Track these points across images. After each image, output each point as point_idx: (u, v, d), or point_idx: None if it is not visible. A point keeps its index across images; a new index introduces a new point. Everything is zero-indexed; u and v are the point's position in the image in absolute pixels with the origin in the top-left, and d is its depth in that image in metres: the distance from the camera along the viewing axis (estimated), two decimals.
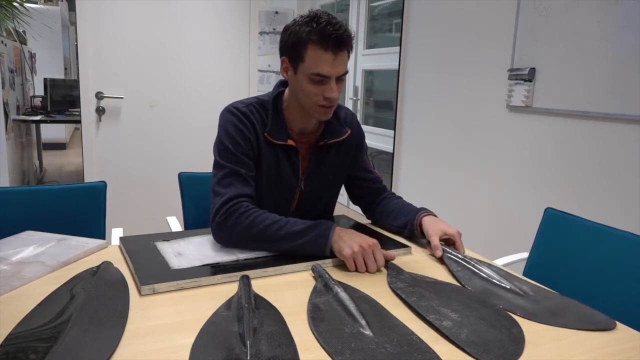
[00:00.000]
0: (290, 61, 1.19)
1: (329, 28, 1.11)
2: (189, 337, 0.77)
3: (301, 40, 1.14)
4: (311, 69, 1.14)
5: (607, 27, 1.80)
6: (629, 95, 1.74)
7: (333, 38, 1.11)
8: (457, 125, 2.62)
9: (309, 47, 1.13)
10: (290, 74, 1.21)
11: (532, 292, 1.01)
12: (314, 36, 1.12)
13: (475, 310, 0.91)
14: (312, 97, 1.18)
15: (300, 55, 1.15)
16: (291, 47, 1.16)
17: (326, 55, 1.13)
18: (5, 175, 3.08)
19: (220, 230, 1.15)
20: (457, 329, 0.84)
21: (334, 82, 1.16)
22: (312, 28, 1.12)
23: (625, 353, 0.80)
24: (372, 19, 3.87)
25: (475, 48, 2.45)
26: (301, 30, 1.13)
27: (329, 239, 1.10)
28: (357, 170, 1.43)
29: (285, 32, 1.18)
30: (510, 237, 2.30)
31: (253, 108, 1.26)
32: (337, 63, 1.14)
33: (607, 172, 1.85)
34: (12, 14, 2.73)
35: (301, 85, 1.18)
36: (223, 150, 1.22)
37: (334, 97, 1.17)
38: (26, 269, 1.00)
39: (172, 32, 3.15)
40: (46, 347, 0.71)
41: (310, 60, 1.14)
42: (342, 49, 1.14)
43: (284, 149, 1.27)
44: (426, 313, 0.88)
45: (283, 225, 1.12)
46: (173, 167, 3.16)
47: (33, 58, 5.51)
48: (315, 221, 1.14)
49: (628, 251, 1.20)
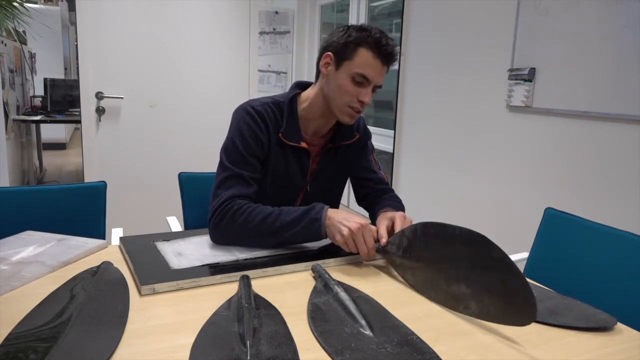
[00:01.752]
0: (336, 57, 1.21)
1: (384, 40, 1.18)
2: (189, 337, 0.77)
3: (356, 40, 1.18)
4: (357, 69, 1.18)
5: (607, 27, 1.80)
6: (629, 95, 1.74)
7: (385, 49, 1.18)
8: (457, 125, 2.62)
9: (362, 48, 1.18)
10: (330, 69, 1.23)
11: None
12: (370, 40, 1.17)
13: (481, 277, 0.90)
14: (346, 96, 1.21)
15: (349, 53, 1.19)
16: (342, 44, 1.20)
17: (375, 61, 1.18)
18: (5, 175, 3.08)
19: (216, 231, 1.16)
20: (478, 305, 0.88)
21: (371, 88, 1.20)
22: (369, 34, 1.18)
23: (625, 353, 0.80)
24: (372, 19, 3.87)
25: (475, 48, 2.45)
26: (355, 33, 1.19)
27: (322, 222, 1.11)
28: (360, 171, 1.44)
29: (337, 32, 1.23)
30: (510, 237, 2.30)
31: (268, 108, 1.27)
32: (381, 72, 1.20)
33: (607, 172, 1.85)
34: (12, 14, 2.74)
35: (340, 82, 1.21)
36: (231, 149, 1.23)
37: (367, 102, 1.21)
38: (26, 269, 1.00)
39: (172, 32, 3.15)
40: (46, 347, 0.71)
41: (360, 60, 1.18)
42: (388, 62, 1.20)
43: (296, 150, 1.28)
44: (453, 304, 0.92)
45: (276, 217, 1.13)
46: (173, 167, 3.16)
47: (33, 58, 5.51)
48: (306, 207, 1.14)
49: (628, 251, 1.20)
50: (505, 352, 0.78)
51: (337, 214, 1.13)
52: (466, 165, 2.56)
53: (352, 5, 3.97)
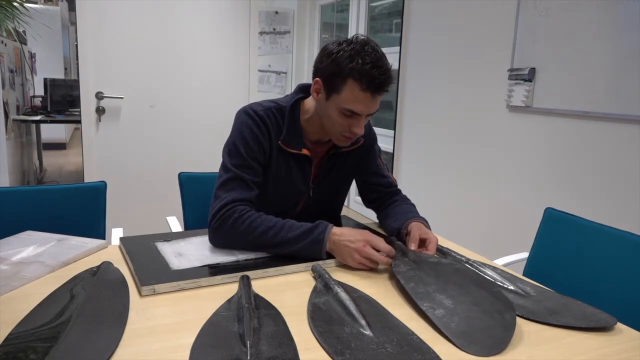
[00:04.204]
0: (325, 87, 1.15)
1: (375, 72, 1.07)
2: (189, 337, 0.77)
3: (342, 73, 1.10)
4: (345, 104, 1.11)
5: (607, 27, 1.80)
6: (628, 95, 1.74)
7: (377, 82, 1.08)
8: (457, 125, 2.62)
9: (349, 82, 1.09)
10: (321, 97, 1.17)
11: (535, 292, 1.01)
12: (356, 75, 1.08)
13: (471, 295, 0.92)
14: (337, 126, 1.17)
15: (336, 86, 1.11)
16: (330, 74, 1.12)
17: (364, 95, 1.10)
18: (5, 175, 3.08)
19: (216, 235, 1.16)
20: (448, 317, 0.86)
21: (363, 118, 1.15)
22: (357, 65, 1.08)
23: (625, 353, 0.80)
24: (372, 19, 3.87)
25: (475, 48, 2.45)
26: (344, 62, 1.09)
27: (323, 244, 1.10)
28: (369, 175, 1.41)
29: (326, 56, 1.13)
30: (510, 237, 2.30)
31: (270, 112, 1.24)
32: (372, 104, 1.13)
33: (607, 172, 1.85)
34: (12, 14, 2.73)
35: (330, 113, 1.16)
36: (233, 152, 1.21)
37: (360, 134, 1.17)
38: (26, 269, 1.00)
39: (172, 32, 3.15)
40: (46, 347, 0.71)
41: (347, 96, 1.11)
42: (381, 92, 1.12)
43: (297, 157, 1.26)
44: (421, 301, 0.91)
45: (278, 232, 1.11)
46: (173, 167, 3.16)
47: (33, 58, 5.51)
48: (309, 225, 1.13)
49: (628, 251, 1.20)
50: (505, 352, 0.78)
51: (341, 235, 1.11)
52: (466, 165, 2.56)
53: (352, 5, 3.97)
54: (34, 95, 5.05)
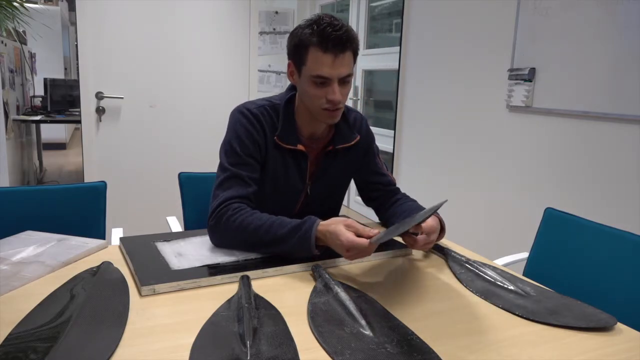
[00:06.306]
0: (295, 65, 1.20)
1: (329, 29, 1.11)
2: (189, 337, 0.77)
3: (303, 43, 1.14)
4: (312, 71, 1.14)
5: (607, 27, 1.80)
6: (628, 95, 1.74)
7: (332, 39, 1.11)
8: (457, 125, 2.62)
9: (310, 50, 1.13)
10: (296, 77, 1.22)
11: (535, 292, 1.01)
12: (314, 38, 1.12)
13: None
14: (315, 100, 1.18)
15: (302, 58, 1.16)
16: (294, 50, 1.17)
17: (326, 57, 1.12)
18: (5, 175, 3.08)
19: (212, 232, 1.17)
20: None
21: (336, 84, 1.15)
22: (313, 30, 1.13)
23: (625, 353, 0.80)
24: (372, 19, 3.87)
25: (475, 48, 2.45)
26: (303, 33, 1.14)
27: (311, 241, 1.07)
28: (368, 174, 1.42)
29: (290, 37, 1.19)
30: (510, 237, 2.30)
31: (264, 110, 1.25)
32: (337, 64, 1.13)
33: (607, 172, 1.85)
34: (12, 14, 2.73)
35: (305, 88, 1.19)
36: (230, 151, 1.22)
37: (337, 100, 1.16)
38: (26, 269, 1.00)
39: (172, 32, 3.15)
40: (46, 347, 0.71)
41: (312, 63, 1.14)
42: (342, 50, 1.13)
43: (293, 153, 1.27)
44: None
45: (268, 229, 1.11)
46: (173, 167, 3.15)
47: (33, 58, 5.51)
48: (298, 221, 1.11)
49: (628, 251, 1.20)
50: (505, 352, 0.78)
51: (327, 234, 1.06)
52: (466, 165, 2.57)
53: (352, 5, 3.97)
54: (34, 95, 5.05)
